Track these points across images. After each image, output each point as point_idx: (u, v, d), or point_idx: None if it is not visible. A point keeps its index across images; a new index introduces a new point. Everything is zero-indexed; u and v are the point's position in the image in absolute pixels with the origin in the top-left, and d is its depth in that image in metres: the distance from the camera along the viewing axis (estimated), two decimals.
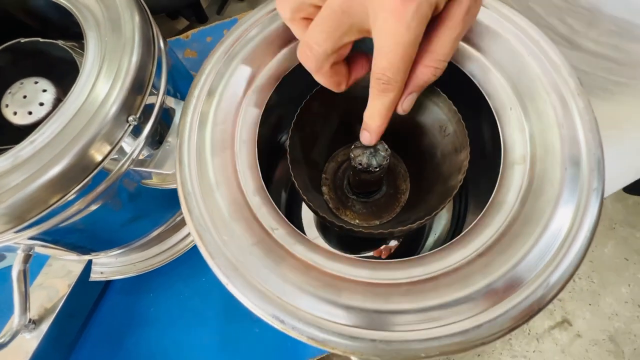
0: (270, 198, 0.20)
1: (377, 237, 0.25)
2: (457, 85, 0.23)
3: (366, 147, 0.24)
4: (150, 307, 0.42)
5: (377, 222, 0.30)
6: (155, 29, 0.26)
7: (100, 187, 0.24)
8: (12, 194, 0.21)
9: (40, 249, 0.33)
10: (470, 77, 0.22)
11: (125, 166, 0.24)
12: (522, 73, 0.21)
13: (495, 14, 0.22)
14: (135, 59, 0.23)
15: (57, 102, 0.28)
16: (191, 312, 0.42)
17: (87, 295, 0.39)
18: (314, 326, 0.16)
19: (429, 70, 0.18)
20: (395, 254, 0.35)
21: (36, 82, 0.28)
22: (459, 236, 0.18)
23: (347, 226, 0.21)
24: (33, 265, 0.32)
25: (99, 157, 0.23)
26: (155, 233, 0.36)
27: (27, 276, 0.32)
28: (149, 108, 0.25)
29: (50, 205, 0.22)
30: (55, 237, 0.30)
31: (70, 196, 0.23)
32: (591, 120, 0.19)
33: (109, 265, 0.39)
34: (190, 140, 0.20)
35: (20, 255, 0.32)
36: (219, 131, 0.21)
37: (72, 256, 0.36)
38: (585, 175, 0.18)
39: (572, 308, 1.02)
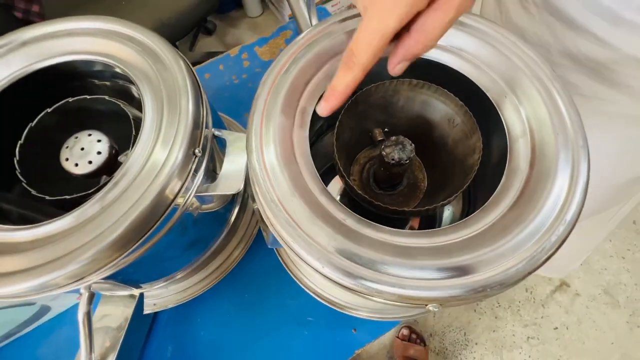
0: (333, 197, 0.24)
1: (423, 214, 0.30)
2: (459, 84, 0.28)
3: (396, 144, 0.29)
4: (200, 331, 0.44)
5: (407, 209, 0.35)
6: (194, 72, 0.30)
7: (172, 221, 0.27)
8: (101, 239, 0.24)
9: (96, 286, 0.35)
10: (468, 76, 0.28)
11: (192, 196, 0.28)
12: (508, 68, 0.27)
13: (482, 26, 0.28)
14: (191, 100, 0.27)
15: (112, 149, 0.31)
16: (241, 329, 0.44)
17: (141, 329, 0.41)
18: (400, 286, 0.20)
19: (419, 45, 0.21)
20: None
21: (90, 135, 0.32)
22: (490, 199, 0.23)
23: (399, 209, 0.25)
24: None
25: (172, 194, 0.26)
26: (204, 257, 0.39)
27: (91, 317, 0.34)
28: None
29: (131, 246, 0.25)
30: (120, 275, 0.33)
31: (148, 235, 0.26)
32: (568, 96, 0.25)
33: (160, 296, 0.41)
34: (260, 157, 0.24)
35: (85, 295, 0.34)
36: (281, 149, 0.25)
37: (125, 291, 0.38)
38: (572, 136, 0.24)
39: None
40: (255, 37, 0.64)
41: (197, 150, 0.27)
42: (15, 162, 0.29)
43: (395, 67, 0.23)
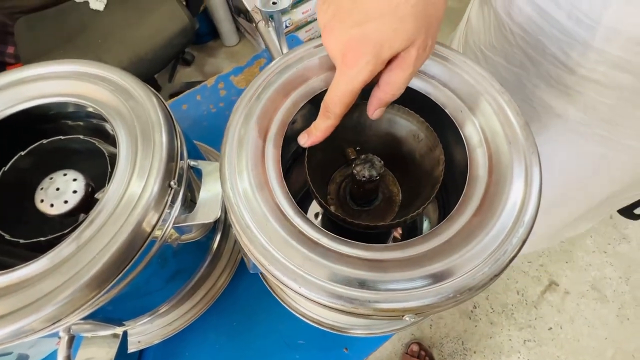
0: (307, 217, 0.25)
1: (395, 227, 0.31)
2: (420, 102, 0.30)
3: (365, 162, 0.30)
4: None
5: (379, 224, 0.36)
6: (167, 106, 0.31)
7: (150, 254, 0.28)
8: (77, 278, 0.24)
9: (76, 327, 0.34)
10: (427, 95, 0.30)
11: (170, 227, 0.28)
12: (462, 86, 0.29)
13: (438, 51, 0.30)
14: (164, 134, 0.28)
15: (88, 187, 0.32)
16: (231, 357, 0.43)
17: None
18: (375, 300, 0.21)
19: (387, 95, 0.26)
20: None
21: (65, 174, 0.32)
22: (455, 207, 0.25)
23: (372, 224, 0.26)
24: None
25: (149, 227, 0.26)
26: (188, 287, 0.38)
27: None
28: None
29: (109, 283, 0.25)
30: (100, 314, 0.32)
31: (126, 271, 0.26)
32: (515, 107, 0.27)
33: (145, 332, 0.40)
34: (234, 185, 0.25)
35: (64, 339, 0.33)
36: (254, 175, 0.26)
37: (108, 330, 0.37)
38: (523, 144, 0.26)
39: (553, 269, 1.13)
40: (233, 65, 0.66)
41: (172, 182, 0.27)
42: None
43: (373, 113, 0.28)
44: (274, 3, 0.46)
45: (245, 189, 0.25)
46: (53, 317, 0.24)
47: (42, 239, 0.28)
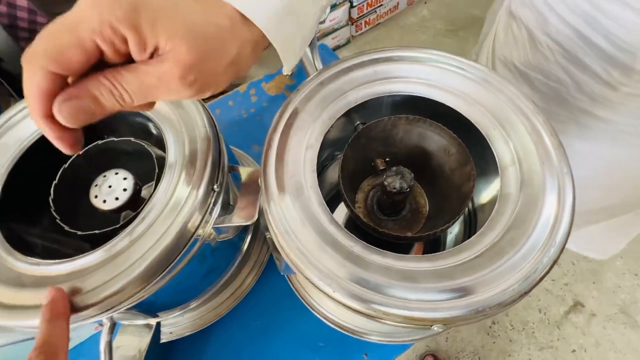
0: (341, 226, 0.27)
1: (425, 239, 0.32)
2: (452, 118, 0.31)
3: (396, 174, 0.31)
4: (214, 358, 0.45)
5: (410, 234, 0.37)
6: (211, 114, 0.34)
7: (193, 251, 0.30)
8: (131, 271, 0.26)
9: (117, 315, 0.37)
10: (459, 111, 0.31)
11: (210, 227, 0.30)
12: (496, 104, 0.30)
13: (473, 69, 0.31)
14: (211, 141, 0.30)
15: (136, 185, 0.34)
16: (254, 355, 0.45)
17: (157, 358, 0.42)
18: (406, 308, 0.22)
19: (102, 88, 0.18)
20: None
21: (117, 173, 0.35)
22: (486, 223, 0.25)
23: (402, 234, 0.27)
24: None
25: (194, 227, 0.28)
26: (218, 285, 0.41)
27: (112, 347, 0.36)
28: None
29: (157, 277, 0.28)
30: (142, 305, 0.34)
31: (172, 266, 0.28)
32: (550, 128, 0.28)
33: (176, 324, 0.42)
34: (274, 191, 0.27)
35: (107, 325, 0.36)
36: (293, 182, 0.28)
37: (143, 320, 0.40)
38: (557, 165, 0.26)
39: (579, 290, 1.09)
40: (261, 70, 0.69)
41: (215, 186, 0.30)
42: (50, 200, 0.32)
43: (62, 103, 0.18)
44: None
45: (284, 196, 0.27)
46: (106, 306, 0.26)
47: (97, 231, 0.31)
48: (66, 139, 0.19)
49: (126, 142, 0.36)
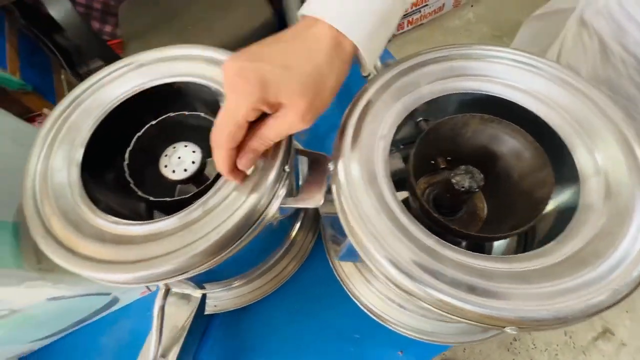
0: (412, 216, 0.26)
1: (497, 239, 0.31)
2: (528, 121, 0.30)
3: (466, 173, 0.31)
4: (250, 336, 0.46)
5: (485, 235, 0.36)
6: None
7: (259, 228, 0.30)
8: (205, 241, 0.27)
9: (172, 282, 0.38)
10: (540, 115, 0.30)
11: (277, 206, 0.31)
12: (579, 109, 0.29)
13: (556, 71, 0.30)
14: None
15: (204, 159, 0.35)
16: (288, 338, 0.45)
17: (200, 328, 0.44)
18: (484, 306, 0.22)
19: (256, 143, 0.26)
20: None
21: (186, 146, 0.36)
22: (565, 231, 0.25)
23: (477, 234, 0.27)
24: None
25: (264, 205, 0.29)
26: (265, 266, 0.41)
27: (164, 311, 0.37)
28: None
29: (226, 250, 0.28)
30: (199, 275, 0.36)
31: (240, 240, 0.29)
32: None
33: (221, 299, 0.44)
34: (349, 177, 0.27)
35: (162, 291, 0.37)
36: (366, 170, 0.28)
37: (192, 291, 0.41)
38: None
39: (610, 317, 1.04)
40: None
41: (286, 167, 0.30)
42: (125, 165, 0.34)
43: (241, 160, 0.27)
44: None
45: (358, 182, 0.27)
46: (176, 271, 0.27)
47: (168, 199, 0.32)
48: (240, 177, 0.28)
49: (196, 116, 0.37)
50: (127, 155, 0.34)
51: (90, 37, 0.78)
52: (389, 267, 0.24)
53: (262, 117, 0.25)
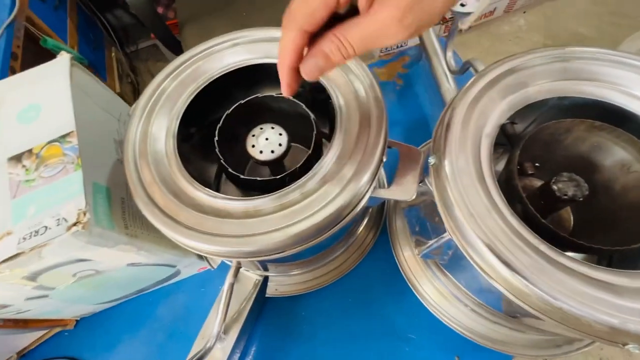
0: (522, 222, 0.25)
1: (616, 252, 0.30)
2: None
3: (570, 180, 0.30)
4: (303, 324, 0.46)
5: (604, 247, 0.34)
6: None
7: (350, 217, 0.29)
8: (304, 224, 0.26)
9: (244, 261, 0.38)
10: None
11: (368, 196, 0.30)
12: None
13: None
14: (384, 111, 0.30)
15: (289, 143, 0.35)
16: (341, 330, 0.45)
17: (258, 309, 0.44)
18: (612, 316, 0.21)
19: (333, 44, 0.20)
20: None
21: (273, 127, 0.36)
22: None
23: (596, 246, 0.26)
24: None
25: (361, 195, 0.29)
26: (329, 258, 0.41)
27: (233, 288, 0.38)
28: None
29: (319, 236, 0.28)
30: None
31: (334, 228, 0.28)
32: None
33: (282, 283, 0.44)
34: (456, 174, 0.26)
35: (233, 268, 0.37)
36: (474, 169, 0.27)
37: (256, 272, 0.42)
38: None
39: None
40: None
41: (384, 157, 0.30)
42: (215, 142, 0.34)
43: (305, 62, 0.21)
44: (462, 5, 0.46)
45: (469, 179, 0.26)
46: (272, 249, 0.27)
47: (258, 178, 0.32)
48: (294, 87, 0.23)
49: (284, 100, 0.37)
50: (217, 132, 0.35)
51: (154, 18, 0.80)
52: (503, 270, 0.23)
53: None
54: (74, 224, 0.26)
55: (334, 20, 0.20)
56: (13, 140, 0.31)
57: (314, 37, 0.21)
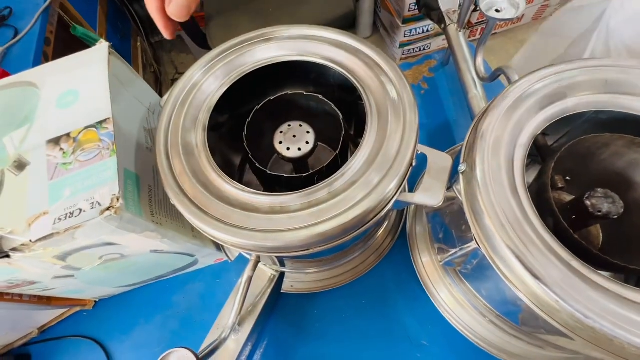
0: (554, 236, 0.25)
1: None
2: None
3: (605, 197, 0.29)
4: (315, 322, 0.46)
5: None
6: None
7: (376, 219, 0.29)
8: (331, 224, 0.26)
9: (263, 255, 0.39)
10: None
11: (394, 200, 0.30)
12: None
13: None
14: (415, 114, 0.30)
15: (317, 141, 0.35)
16: (354, 331, 0.45)
17: (273, 304, 0.44)
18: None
19: None
20: None
21: (300, 125, 0.36)
22: None
23: (612, 260, 0.25)
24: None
25: (388, 198, 0.28)
26: (346, 260, 0.41)
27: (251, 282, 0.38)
28: None
29: (345, 236, 0.28)
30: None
31: (359, 230, 0.28)
32: None
33: (297, 279, 0.44)
34: (490, 185, 0.26)
35: (252, 262, 0.38)
36: (507, 179, 0.26)
37: (273, 267, 0.42)
38: None
39: None
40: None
41: (414, 162, 0.29)
42: (244, 136, 0.35)
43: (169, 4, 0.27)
44: (497, 11, 0.45)
45: (501, 190, 0.26)
46: (298, 246, 0.28)
47: (285, 175, 0.33)
48: (170, 28, 0.29)
49: (312, 97, 0.37)
50: (246, 127, 0.35)
51: None
52: (533, 283, 0.23)
53: None
54: (107, 209, 0.27)
55: None
56: (52, 124, 0.32)
57: None
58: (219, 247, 0.46)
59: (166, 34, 0.29)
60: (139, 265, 0.39)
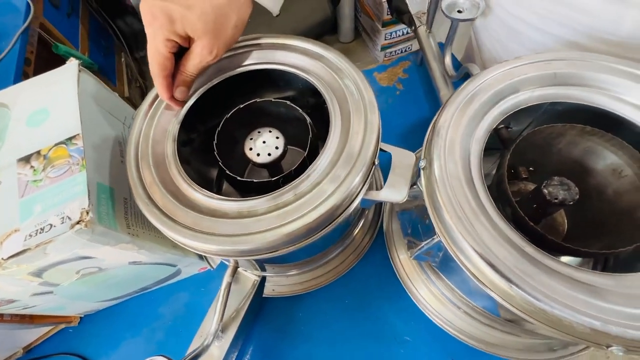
0: (509, 224, 0.26)
1: (598, 256, 0.30)
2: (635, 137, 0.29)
3: (560, 184, 0.30)
4: (299, 325, 0.47)
5: (584, 249, 0.34)
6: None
7: (341, 219, 0.30)
8: (296, 224, 0.27)
9: (241, 260, 0.39)
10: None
11: (360, 198, 0.31)
12: None
13: None
14: (376, 115, 0.31)
15: (286, 146, 0.36)
16: (337, 332, 0.46)
17: (256, 309, 0.45)
18: (597, 319, 0.21)
19: (182, 75, 0.32)
20: None
21: (270, 131, 0.37)
22: None
23: (577, 248, 0.26)
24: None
25: (352, 196, 0.29)
26: (326, 259, 0.42)
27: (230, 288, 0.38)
28: None
29: (312, 236, 0.29)
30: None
31: (325, 228, 0.29)
32: None
33: (279, 283, 0.45)
34: (446, 176, 0.27)
35: (231, 267, 0.38)
36: (463, 172, 0.27)
37: (253, 272, 0.43)
38: None
39: None
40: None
41: (375, 160, 0.30)
42: (214, 145, 0.35)
43: (176, 90, 0.33)
44: (459, 11, 0.47)
45: (457, 183, 0.27)
46: (262, 250, 0.28)
47: (255, 180, 0.33)
48: (179, 104, 0.35)
49: (282, 104, 0.38)
50: (216, 135, 0.36)
51: None
52: (489, 271, 0.24)
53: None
54: (77, 222, 0.28)
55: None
56: (22, 142, 0.32)
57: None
58: (201, 256, 0.47)
59: (178, 108, 0.35)
60: (119, 277, 0.40)
